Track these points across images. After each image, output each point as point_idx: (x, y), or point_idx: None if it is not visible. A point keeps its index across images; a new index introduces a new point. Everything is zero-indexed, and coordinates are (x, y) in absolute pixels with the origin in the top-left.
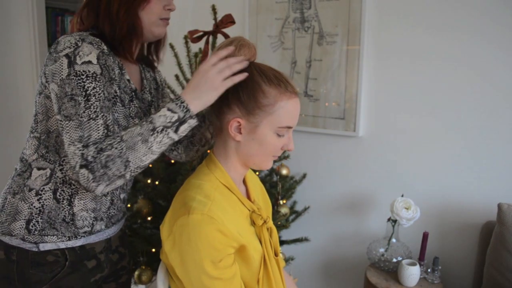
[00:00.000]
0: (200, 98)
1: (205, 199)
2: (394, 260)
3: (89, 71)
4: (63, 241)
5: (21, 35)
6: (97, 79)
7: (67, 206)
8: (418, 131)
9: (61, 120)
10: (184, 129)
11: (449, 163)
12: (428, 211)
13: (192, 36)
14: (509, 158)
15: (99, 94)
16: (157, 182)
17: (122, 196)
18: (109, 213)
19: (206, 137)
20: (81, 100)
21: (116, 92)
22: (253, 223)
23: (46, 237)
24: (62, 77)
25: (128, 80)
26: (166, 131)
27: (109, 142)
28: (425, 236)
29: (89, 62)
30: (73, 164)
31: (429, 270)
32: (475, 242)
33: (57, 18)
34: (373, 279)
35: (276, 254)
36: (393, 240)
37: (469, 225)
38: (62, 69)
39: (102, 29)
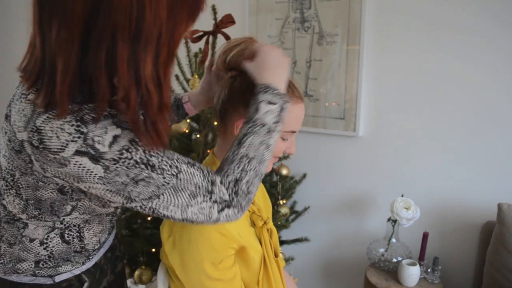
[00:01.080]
0: (281, 76)
1: None
2: (394, 260)
3: (124, 146)
4: (78, 267)
5: (21, 34)
6: (136, 140)
7: (78, 242)
8: (418, 131)
9: (143, 205)
10: (284, 116)
11: (449, 163)
12: (428, 211)
13: (192, 36)
14: (509, 158)
15: (151, 149)
16: None
17: None
18: (111, 224)
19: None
20: (148, 173)
21: None
22: (253, 224)
23: (60, 268)
24: (99, 176)
25: None
26: (277, 126)
27: (239, 169)
28: (425, 236)
29: (115, 137)
30: (206, 218)
31: (429, 270)
32: (475, 242)
33: None
34: (373, 279)
35: (276, 255)
36: (393, 240)
37: (469, 225)
38: (88, 169)
39: (120, 107)
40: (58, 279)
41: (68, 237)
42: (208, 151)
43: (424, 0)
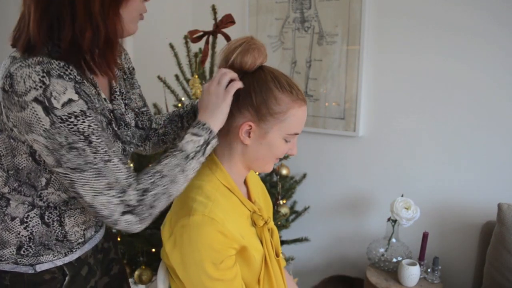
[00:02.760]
0: (214, 114)
1: (206, 200)
2: (394, 260)
3: (75, 112)
4: (59, 258)
5: None
6: (87, 114)
7: (58, 227)
8: (418, 131)
9: (66, 173)
10: (209, 150)
11: (449, 163)
12: (428, 211)
13: (192, 36)
14: (509, 158)
15: (97, 131)
16: None
17: None
18: (97, 219)
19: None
20: (84, 145)
21: (101, 121)
22: (254, 224)
23: (41, 257)
24: (45, 128)
25: (105, 99)
26: (197, 156)
27: (150, 181)
28: (425, 236)
29: (70, 100)
30: (109, 214)
31: (429, 270)
32: (475, 242)
33: None
34: (373, 279)
35: (277, 255)
36: (393, 240)
37: (469, 225)
38: (39, 118)
39: (78, 39)
40: (39, 268)
41: (48, 219)
42: None
43: (424, 0)
